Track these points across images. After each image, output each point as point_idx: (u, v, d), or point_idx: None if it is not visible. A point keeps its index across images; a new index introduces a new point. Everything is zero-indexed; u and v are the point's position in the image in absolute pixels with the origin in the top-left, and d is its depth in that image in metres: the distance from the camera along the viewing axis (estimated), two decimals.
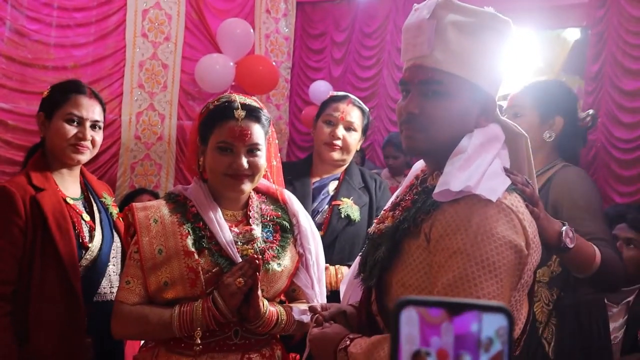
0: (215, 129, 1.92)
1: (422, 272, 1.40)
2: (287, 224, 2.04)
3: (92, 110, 2.32)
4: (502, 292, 1.30)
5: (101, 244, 2.29)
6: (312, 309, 1.70)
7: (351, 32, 6.79)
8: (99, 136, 2.36)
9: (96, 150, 2.38)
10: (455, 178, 1.34)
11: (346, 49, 6.83)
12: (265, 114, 2.00)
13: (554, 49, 5.14)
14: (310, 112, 6.24)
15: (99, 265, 2.26)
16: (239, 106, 1.92)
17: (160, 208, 1.95)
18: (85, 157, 2.32)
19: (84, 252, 2.23)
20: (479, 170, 1.37)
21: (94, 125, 2.33)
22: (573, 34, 5.20)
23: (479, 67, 1.46)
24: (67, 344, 2.16)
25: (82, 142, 2.28)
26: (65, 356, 2.15)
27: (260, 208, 2.04)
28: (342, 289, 1.86)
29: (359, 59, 6.74)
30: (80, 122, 2.29)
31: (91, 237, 2.28)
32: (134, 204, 1.99)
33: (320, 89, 6.26)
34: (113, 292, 2.31)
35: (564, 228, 1.71)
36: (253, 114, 1.94)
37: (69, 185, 2.35)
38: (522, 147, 1.55)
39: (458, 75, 1.44)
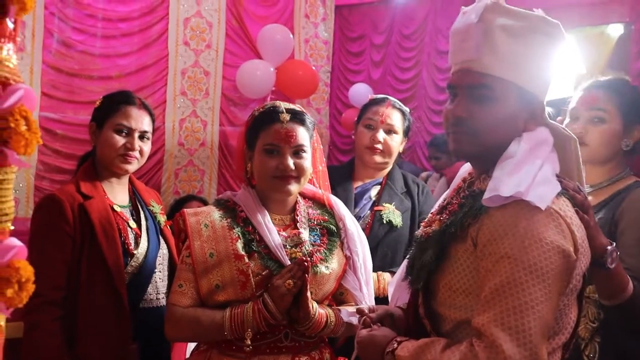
0: (261, 133, 1.98)
1: (469, 276, 1.41)
2: (334, 228, 2.08)
3: (141, 121, 2.37)
4: (550, 298, 1.30)
5: (147, 251, 2.33)
6: (359, 311, 1.72)
7: (390, 34, 6.78)
8: (147, 146, 2.40)
9: (144, 160, 2.42)
10: (504, 184, 1.35)
11: (385, 51, 6.83)
12: (309, 117, 2.05)
13: (598, 46, 5.05)
14: (351, 115, 6.25)
15: (144, 271, 2.30)
16: (284, 110, 1.98)
17: (210, 213, 2.01)
18: (133, 167, 2.37)
19: (129, 258, 2.27)
20: (528, 175, 1.37)
21: (142, 136, 2.37)
22: (617, 30, 5.10)
23: (528, 71, 1.46)
24: (114, 350, 2.20)
25: (130, 152, 2.32)
26: None
27: (308, 212, 2.08)
28: (390, 291, 1.88)
29: (398, 61, 6.73)
30: (129, 132, 2.33)
31: (137, 244, 2.32)
32: (185, 209, 2.05)
33: (360, 91, 6.27)
34: (159, 299, 2.36)
35: (610, 247, 1.67)
36: (297, 116, 2.00)
37: (117, 193, 2.40)
38: (572, 150, 1.54)
39: (506, 79, 1.45)
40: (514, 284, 1.29)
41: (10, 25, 0.86)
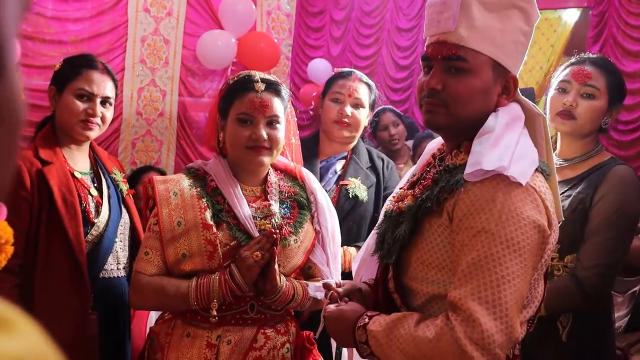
0: (235, 102, 1.95)
1: (442, 251, 1.41)
2: (305, 201, 2.06)
3: (103, 86, 2.29)
4: (526, 272, 1.31)
5: (108, 220, 2.28)
6: (326, 286, 1.71)
7: (350, 10, 6.73)
8: (109, 112, 2.34)
9: (106, 127, 2.35)
10: (486, 158, 1.35)
11: (345, 27, 6.78)
12: (284, 88, 2.02)
13: (556, 30, 5.12)
14: (309, 90, 6.19)
15: (105, 241, 2.25)
16: (259, 79, 1.95)
17: (180, 181, 1.97)
18: (94, 134, 2.30)
19: (89, 227, 2.22)
20: (508, 150, 1.37)
21: (104, 102, 2.30)
22: (574, 15, 5.17)
23: (503, 45, 1.45)
24: (72, 320, 2.15)
25: (92, 119, 2.26)
26: (69, 332, 2.14)
27: (279, 185, 2.06)
28: (354, 267, 1.87)
29: (358, 38, 6.69)
30: (91, 97, 2.26)
31: (98, 213, 2.26)
32: (154, 176, 2.01)
33: (319, 67, 6.21)
34: (119, 269, 2.32)
35: None
36: (273, 87, 1.97)
37: (78, 160, 2.33)
38: (540, 127, 1.55)
39: (482, 52, 1.44)
40: (491, 258, 1.30)
41: None
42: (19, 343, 0.41)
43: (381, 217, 1.69)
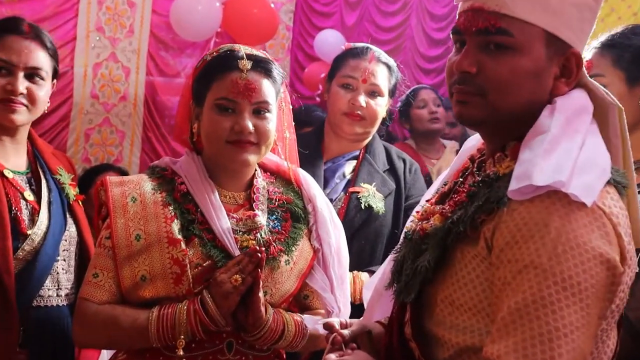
0: (213, 84, 1.96)
1: (478, 289, 1.39)
2: (301, 212, 2.08)
3: (26, 54, 2.28)
4: (589, 322, 1.27)
5: (46, 232, 2.28)
6: (327, 327, 1.69)
7: None
8: (42, 91, 2.33)
9: (40, 109, 2.33)
10: (539, 169, 1.31)
11: None
12: (277, 68, 2.03)
13: None
14: (315, 70, 6.21)
15: (42, 259, 2.25)
16: (244, 55, 1.96)
17: (140, 184, 1.99)
18: (21, 117, 2.29)
19: (21, 241, 2.22)
20: (569, 157, 1.33)
21: (31, 75, 2.30)
22: None
23: (561, 11, 1.43)
24: None
25: (13, 97, 2.24)
26: None
27: (268, 190, 2.07)
28: (366, 297, 1.87)
29: (380, 3, 6.72)
30: (11, 70, 2.25)
31: (33, 223, 2.27)
32: (108, 177, 2.02)
33: (329, 40, 6.22)
34: (60, 296, 2.33)
35: None
36: (262, 65, 1.98)
37: (11, 155, 2.34)
38: (615, 121, 1.51)
39: (531, 22, 1.42)
40: (541, 303, 1.26)
41: None
42: None
43: (402, 238, 1.67)
